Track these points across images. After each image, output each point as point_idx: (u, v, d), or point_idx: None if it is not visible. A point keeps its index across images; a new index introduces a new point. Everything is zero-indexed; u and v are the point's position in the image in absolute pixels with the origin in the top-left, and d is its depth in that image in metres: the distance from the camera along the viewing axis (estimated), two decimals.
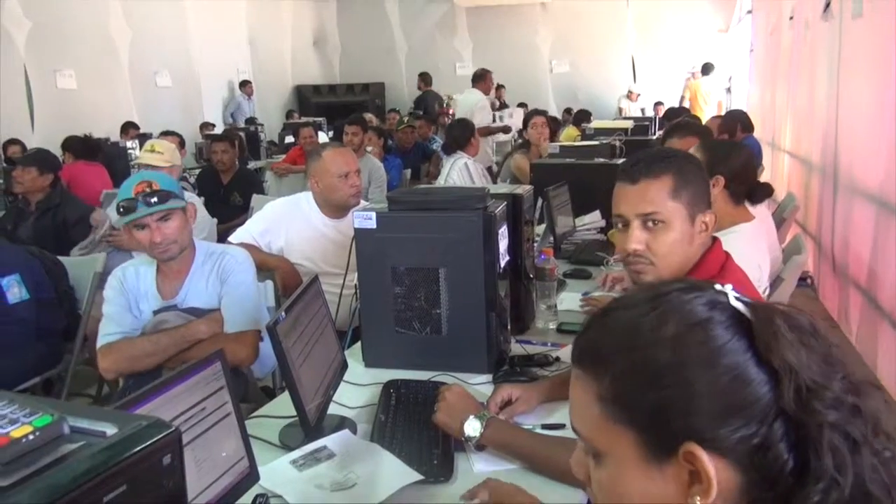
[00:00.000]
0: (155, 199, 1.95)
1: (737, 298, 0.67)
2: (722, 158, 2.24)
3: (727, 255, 1.47)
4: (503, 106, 10.30)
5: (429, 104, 9.64)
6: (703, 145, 2.32)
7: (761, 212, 2.43)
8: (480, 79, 6.88)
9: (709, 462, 0.61)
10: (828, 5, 4.44)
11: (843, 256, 4.07)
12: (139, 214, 1.95)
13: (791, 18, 5.90)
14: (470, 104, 6.64)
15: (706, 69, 10.23)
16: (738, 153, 2.33)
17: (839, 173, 4.25)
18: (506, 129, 7.08)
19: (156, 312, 2.06)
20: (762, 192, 2.29)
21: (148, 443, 0.61)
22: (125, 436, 0.62)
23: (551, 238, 3.01)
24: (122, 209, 1.97)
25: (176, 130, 6.99)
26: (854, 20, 3.87)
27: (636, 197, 1.41)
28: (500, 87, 11.05)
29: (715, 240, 1.48)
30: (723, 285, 0.69)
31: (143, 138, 5.99)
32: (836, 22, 4.28)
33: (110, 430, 0.63)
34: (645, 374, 0.64)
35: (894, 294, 3.19)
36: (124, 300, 2.07)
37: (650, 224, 1.40)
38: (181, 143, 6.36)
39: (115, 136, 7.31)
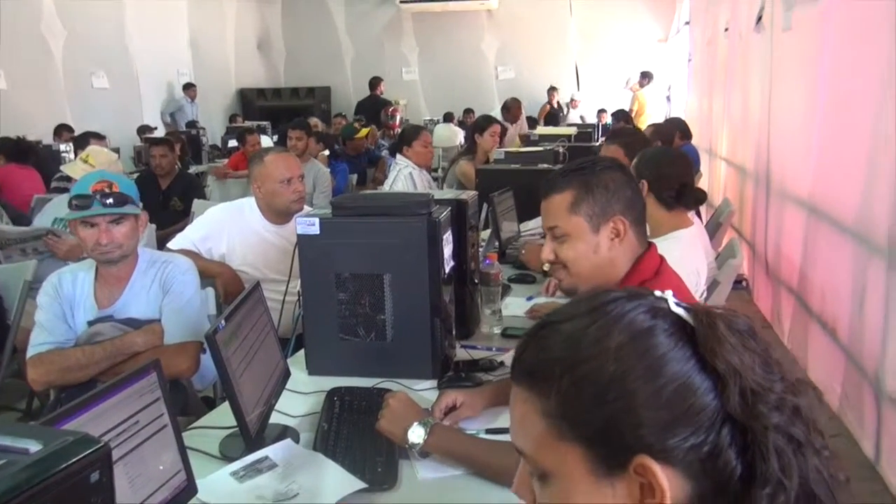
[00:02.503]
0: (111, 201, 1.90)
1: (677, 304, 0.67)
2: (645, 164, 2.30)
3: (662, 259, 1.51)
4: (554, 114, 10.30)
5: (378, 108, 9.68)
6: (629, 152, 2.37)
7: (693, 218, 2.50)
8: (504, 110, 7.26)
9: (662, 474, 0.60)
10: (760, 18, 4.62)
11: (775, 260, 4.23)
12: (92, 212, 1.89)
13: (726, 30, 6.10)
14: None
15: (649, 77, 10.50)
16: (663, 158, 2.39)
17: (771, 180, 4.41)
18: None
19: (90, 323, 1.98)
20: (693, 198, 2.34)
21: (74, 459, 0.59)
22: (49, 452, 0.60)
23: (496, 243, 3.04)
24: (74, 205, 1.90)
25: (113, 133, 6.76)
26: (784, 32, 4.03)
27: (544, 211, 1.51)
28: (552, 88, 11.08)
29: (650, 245, 1.52)
30: (662, 292, 0.69)
31: (78, 141, 5.77)
32: (768, 34, 4.46)
33: (34, 446, 0.60)
34: (591, 388, 0.63)
35: (823, 296, 3.33)
36: (59, 308, 1.99)
37: (558, 236, 1.49)
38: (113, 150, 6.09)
39: (47, 138, 7.04)
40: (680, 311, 0.66)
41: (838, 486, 0.64)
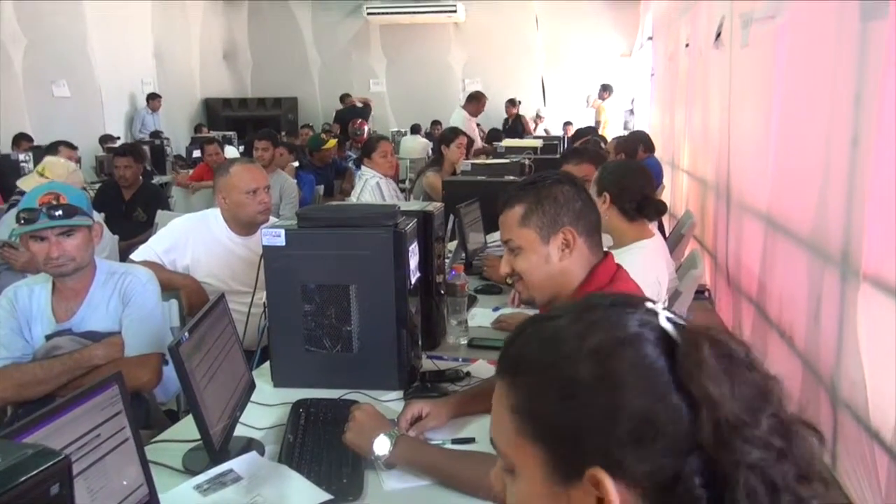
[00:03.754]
0: (59, 213, 1.86)
1: (668, 319, 0.64)
2: (607, 176, 2.36)
3: (618, 267, 1.55)
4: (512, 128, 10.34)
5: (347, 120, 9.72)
6: (595, 166, 2.44)
7: (653, 230, 2.56)
8: (472, 100, 7.39)
9: (614, 490, 0.57)
10: (718, 35, 4.74)
11: (736, 270, 4.32)
12: (40, 226, 1.85)
13: (687, 46, 6.25)
14: (452, 121, 7.23)
15: (610, 90, 10.67)
16: (625, 171, 2.46)
17: (731, 192, 4.52)
18: None
19: (48, 337, 1.94)
20: (654, 209, 2.41)
21: (33, 472, 0.59)
22: (8, 465, 0.59)
23: (463, 254, 3.06)
24: (22, 219, 1.87)
25: (74, 142, 6.62)
26: (742, 49, 4.15)
27: (501, 225, 1.56)
28: (511, 101, 11.06)
29: (607, 254, 1.56)
30: (654, 303, 0.66)
31: (38, 151, 5.66)
32: (727, 50, 4.58)
33: None
34: (559, 388, 0.61)
35: (780, 305, 3.41)
36: (15, 323, 1.95)
37: (512, 248, 1.53)
38: (77, 159, 5.94)
39: (6, 148, 6.88)
40: (668, 326, 0.63)
41: None
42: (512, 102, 10.96)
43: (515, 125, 10.55)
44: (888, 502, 2.24)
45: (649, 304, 0.66)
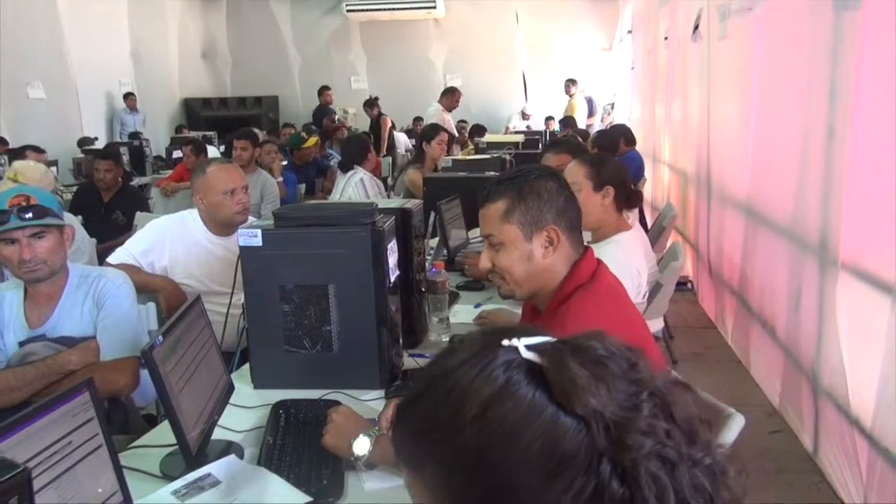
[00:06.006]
0: (30, 214, 1.83)
1: (528, 348, 0.63)
2: (607, 170, 2.37)
3: (598, 262, 1.54)
4: None
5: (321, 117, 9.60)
6: (583, 160, 2.44)
7: (633, 223, 2.60)
8: (446, 94, 7.50)
9: None
10: (696, 27, 4.76)
11: (717, 262, 4.35)
12: (10, 226, 1.82)
13: (666, 39, 6.27)
14: (429, 114, 7.52)
15: (576, 84, 10.67)
16: (619, 165, 2.51)
17: (711, 184, 4.54)
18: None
19: (21, 344, 1.91)
20: (636, 199, 2.47)
21: None
22: None
23: (444, 251, 3.05)
24: None
25: (51, 145, 6.53)
26: (720, 41, 4.16)
27: (481, 219, 1.53)
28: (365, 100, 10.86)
29: (587, 249, 1.55)
30: (510, 339, 0.65)
31: (13, 154, 5.57)
32: (705, 43, 4.60)
33: None
34: (459, 469, 0.60)
35: (762, 295, 3.44)
36: None
37: (493, 244, 1.50)
38: (48, 163, 5.84)
39: None
40: (531, 355, 0.63)
41: (724, 482, 0.63)
42: (370, 104, 10.38)
43: (376, 128, 9.83)
44: (869, 487, 2.26)
45: (505, 341, 0.65)
